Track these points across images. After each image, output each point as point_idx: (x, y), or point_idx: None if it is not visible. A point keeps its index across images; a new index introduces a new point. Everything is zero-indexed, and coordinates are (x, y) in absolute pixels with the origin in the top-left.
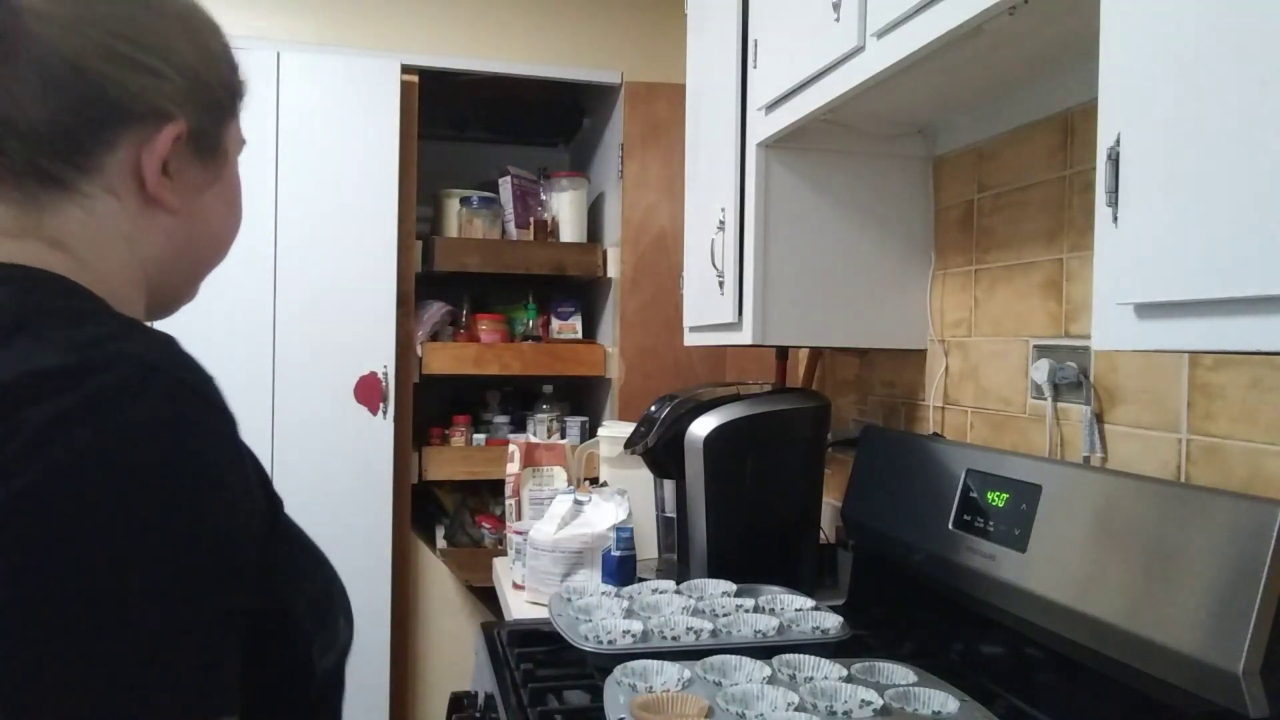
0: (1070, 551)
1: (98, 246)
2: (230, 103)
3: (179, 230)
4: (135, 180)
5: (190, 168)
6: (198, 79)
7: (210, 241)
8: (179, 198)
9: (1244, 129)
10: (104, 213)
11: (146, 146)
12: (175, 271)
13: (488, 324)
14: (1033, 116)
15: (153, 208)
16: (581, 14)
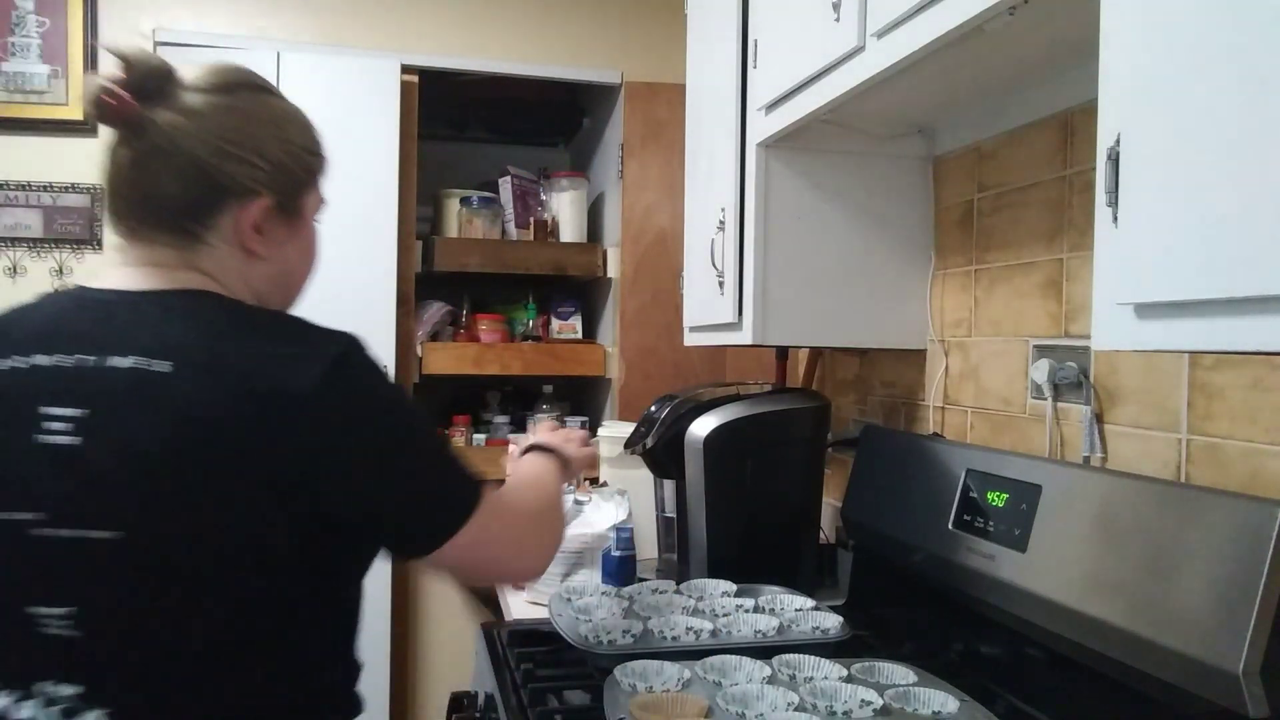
0: (1070, 551)
1: (226, 278)
2: (308, 178)
3: (270, 269)
4: (238, 235)
5: (276, 227)
6: (281, 166)
7: (291, 278)
8: (266, 248)
9: (1244, 129)
10: (224, 256)
11: (243, 213)
12: (272, 297)
13: (488, 324)
14: (1033, 116)
15: (251, 255)
16: (581, 14)
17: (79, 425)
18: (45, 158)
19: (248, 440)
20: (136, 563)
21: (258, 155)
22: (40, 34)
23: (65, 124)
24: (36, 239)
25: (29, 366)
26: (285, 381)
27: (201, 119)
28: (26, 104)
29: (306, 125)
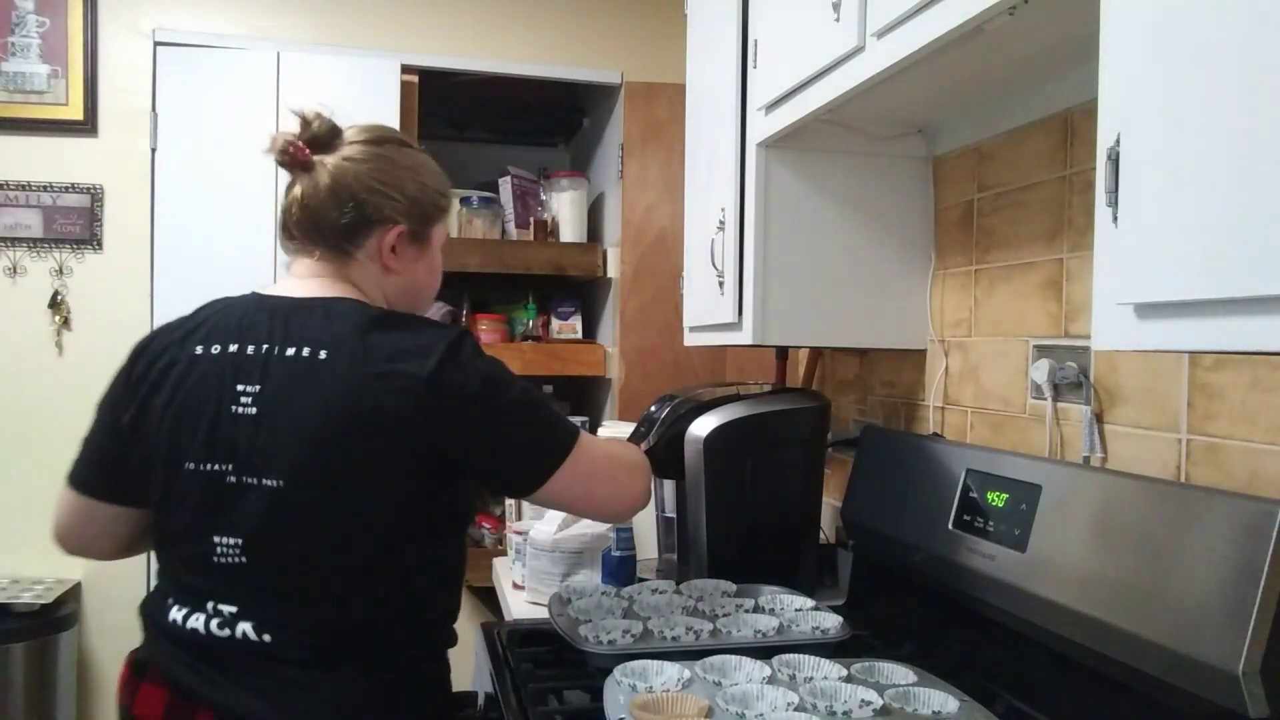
0: (1070, 551)
1: (367, 287)
2: (436, 213)
3: (401, 283)
4: (380, 254)
5: (408, 249)
6: (415, 201)
7: (418, 291)
8: (400, 266)
9: (1243, 129)
10: (368, 270)
11: (384, 237)
12: (399, 304)
13: (488, 324)
14: (1033, 116)
15: (387, 270)
16: (581, 14)
17: (257, 398)
18: (45, 158)
19: (387, 409)
20: (293, 504)
21: (398, 192)
22: (40, 34)
23: (65, 124)
24: (36, 239)
25: (225, 353)
26: (414, 364)
27: (358, 163)
28: (26, 104)
29: (438, 173)
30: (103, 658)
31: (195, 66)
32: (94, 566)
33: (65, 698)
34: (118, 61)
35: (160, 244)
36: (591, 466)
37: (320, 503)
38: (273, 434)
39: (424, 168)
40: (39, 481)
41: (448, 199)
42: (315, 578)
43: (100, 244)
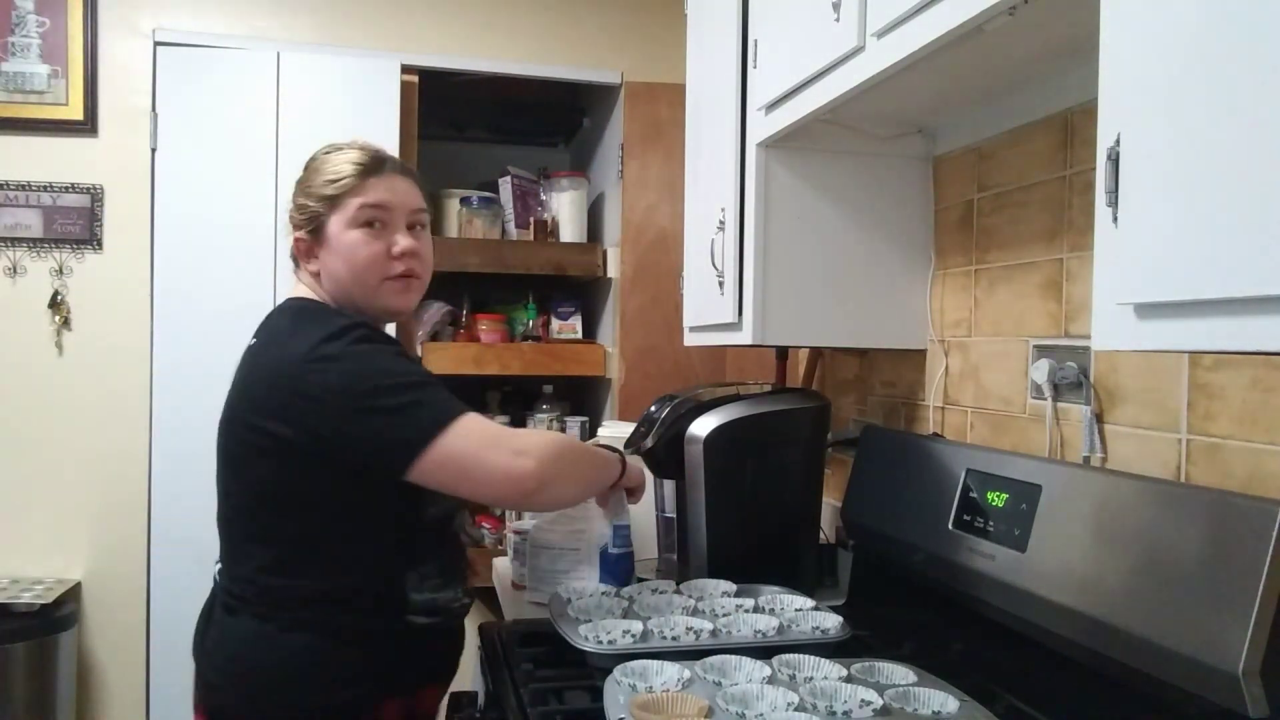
0: (1070, 551)
1: (313, 285)
2: (326, 210)
3: (328, 275)
4: (300, 259)
5: (315, 248)
6: (300, 208)
7: (345, 279)
8: (314, 264)
9: (1244, 129)
10: (304, 273)
11: (294, 246)
12: (339, 294)
13: (488, 324)
14: (1033, 116)
15: (312, 271)
16: (581, 14)
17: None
18: (45, 158)
19: (258, 391)
20: (221, 456)
21: (292, 205)
22: (40, 34)
23: (65, 124)
24: (36, 239)
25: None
26: (294, 349)
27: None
28: (26, 104)
29: (325, 166)
30: (103, 658)
31: (195, 66)
32: (94, 566)
33: (65, 698)
34: (118, 61)
35: (160, 244)
36: (464, 448)
37: (230, 455)
38: (228, 401)
39: (312, 168)
40: (39, 481)
41: (340, 182)
42: (229, 527)
43: (100, 244)
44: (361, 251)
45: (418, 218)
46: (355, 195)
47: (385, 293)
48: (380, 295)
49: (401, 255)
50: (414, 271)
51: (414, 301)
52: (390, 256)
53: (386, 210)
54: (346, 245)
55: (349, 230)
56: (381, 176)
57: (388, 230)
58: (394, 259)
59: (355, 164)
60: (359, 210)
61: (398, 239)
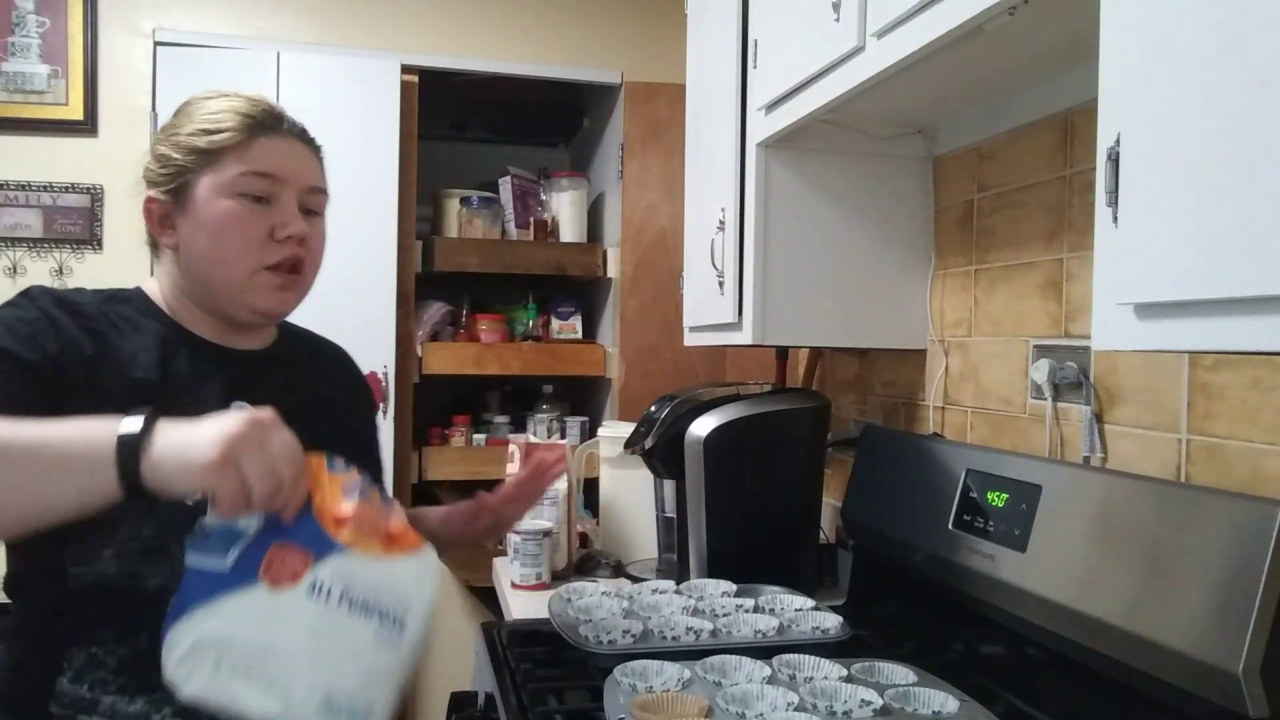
0: (1070, 551)
1: (161, 276)
2: (195, 163)
3: (188, 260)
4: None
5: (175, 218)
6: (163, 160)
7: (196, 262)
8: (171, 239)
9: (1243, 129)
10: (164, 258)
11: (144, 211)
12: (196, 289)
13: (488, 324)
14: (1033, 116)
15: (170, 249)
16: (581, 14)
17: None
18: (45, 158)
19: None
20: None
21: (151, 158)
22: (40, 34)
23: (65, 124)
24: (36, 239)
25: None
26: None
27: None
28: (26, 104)
29: (201, 112)
30: None
31: (195, 66)
32: None
33: None
34: (118, 61)
35: None
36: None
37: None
38: None
39: (185, 115)
40: None
41: (217, 140)
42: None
43: (100, 244)
44: (235, 229)
45: (314, 200)
46: (236, 156)
47: (257, 287)
48: (249, 290)
49: (287, 240)
50: (299, 263)
51: (291, 306)
52: (272, 239)
53: (275, 181)
54: (216, 217)
55: (222, 198)
56: (274, 137)
57: (273, 208)
58: (278, 241)
59: (241, 115)
60: (240, 176)
61: (285, 219)
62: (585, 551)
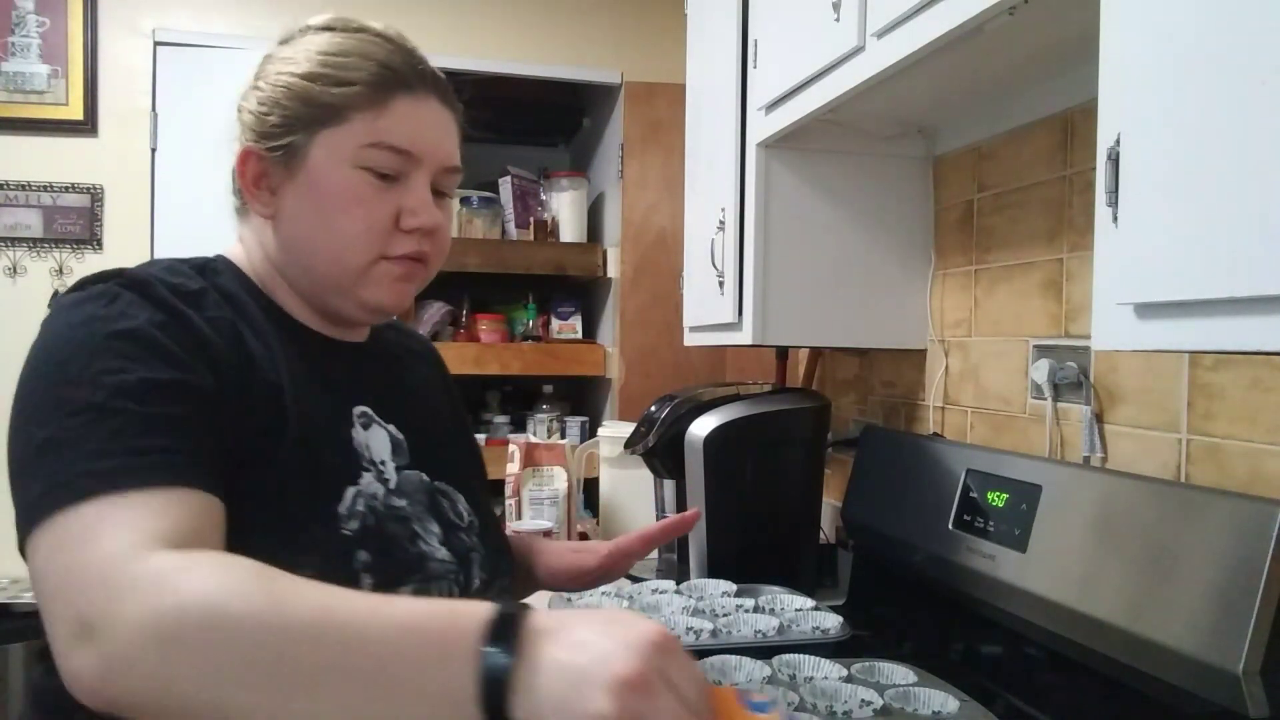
0: (1070, 551)
1: (249, 244)
2: (313, 113)
3: (287, 233)
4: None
5: (276, 180)
6: (273, 105)
7: (299, 242)
8: (270, 207)
9: (1244, 129)
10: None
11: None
12: (296, 269)
13: (488, 324)
14: (1033, 116)
15: (263, 217)
16: (581, 14)
17: None
18: (45, 158)
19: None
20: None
21: (251, 99)
22: (40, 34)
23: (65, 124)
24: (36, 239)
25: None
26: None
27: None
28: (26, 104)
29: (333, 51)
30: None
31: (195, 66)
32: None
33: None
34: (118, 61)
35: (160, 244)
36: (35, 571)
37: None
38: None
39: (309, 53)
40: None
41: (348, 94)
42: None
43: (100, 244)
44: (354, 210)
45: (448, 180)
46: (366, 119)
47: (375, 279)
48: (366, 281)
49: (416, 230)
50: (426, 257)
51: (408, 300)
52: (398, 227)
53: (409, 159)
54: (336, 190)
55: (341, 168)
56: (414, 99)
57: (402, 189)
58: (404, 231)
59: (377, 64)
60: (368, 148)
61: (415, 205)
62: None
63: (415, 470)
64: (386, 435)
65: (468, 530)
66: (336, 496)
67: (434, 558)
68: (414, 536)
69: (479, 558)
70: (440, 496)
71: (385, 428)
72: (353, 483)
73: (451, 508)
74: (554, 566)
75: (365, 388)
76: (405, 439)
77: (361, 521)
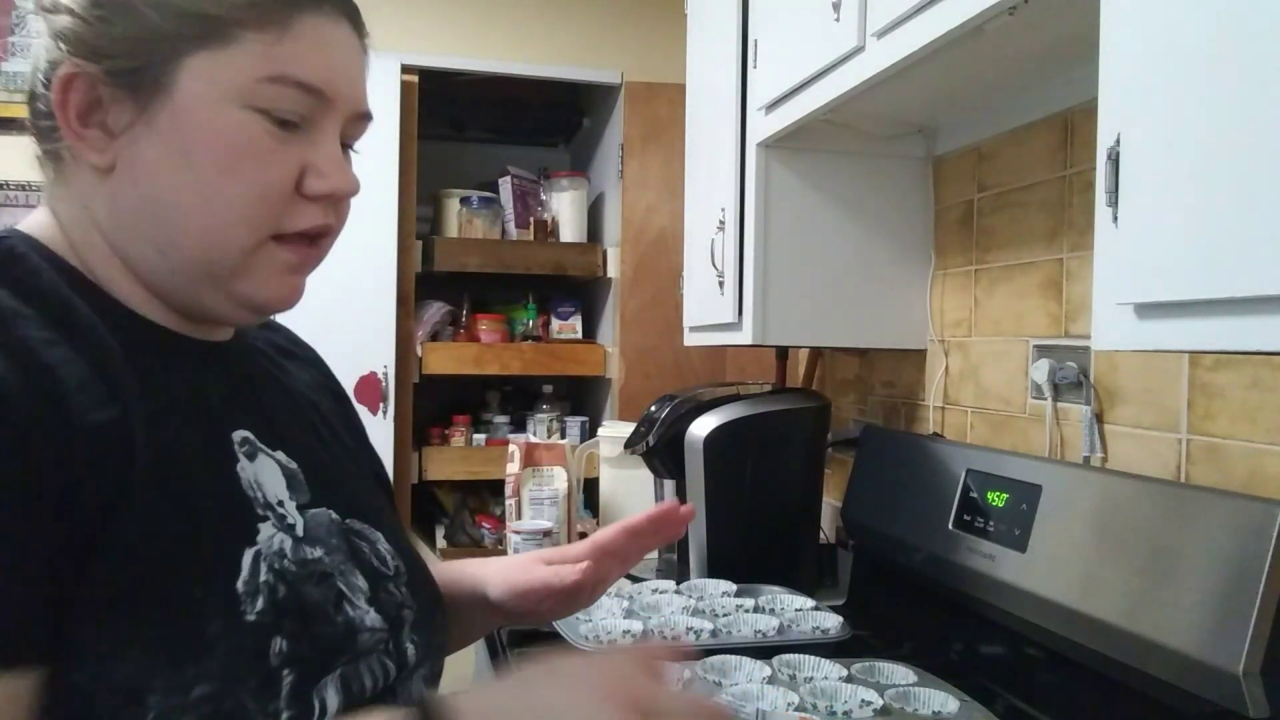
0: (1070, 551)
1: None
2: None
3: (133, 198)
4: (70, 135)
5: (118, 113)
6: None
7: (161, 209)
8: (108, 154)
9: (1243, 129)
10: (80, 179)
11: (59, 96)
12: (135, 252)
13: (488, 324)
14: (1033, 116)
15: (95, 169)
16: (581, 14)
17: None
18: None
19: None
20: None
21: (84, 9)
22: None
23: None
24: None
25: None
26: None
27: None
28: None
29: None
30: None
31: None
32: None
33: None
34: None
35: None
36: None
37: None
38: None
39: None
40: None
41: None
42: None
43: None
44: (248, 166)
45: (357, 129)
46: (264, 41)
47: (260, 268)
48: (247, 270)
49: (324, 196)
50: (326, 234)
51: (298, 297)
52: (299, 192)
53: (322, 99)
54: (218, 139)
55: (232, 109)
56: (327, 16)
57: (307, 139)
58: (309, 199)
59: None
60: (270, 83)
61: (325, 164)
62: None
63: (321, 508)
64: (277, 466)
65: (395, 579)
66: (230, 569)
67: (363, 625)
68: (340, 598)
69: (411, 616)
70: (356, 539)
71: (273, 456)
72: (248, 542)
73: (373, 551)
74: (518, 584)
75: (241, 404)
76: (299, 468)
77: (269, 596)
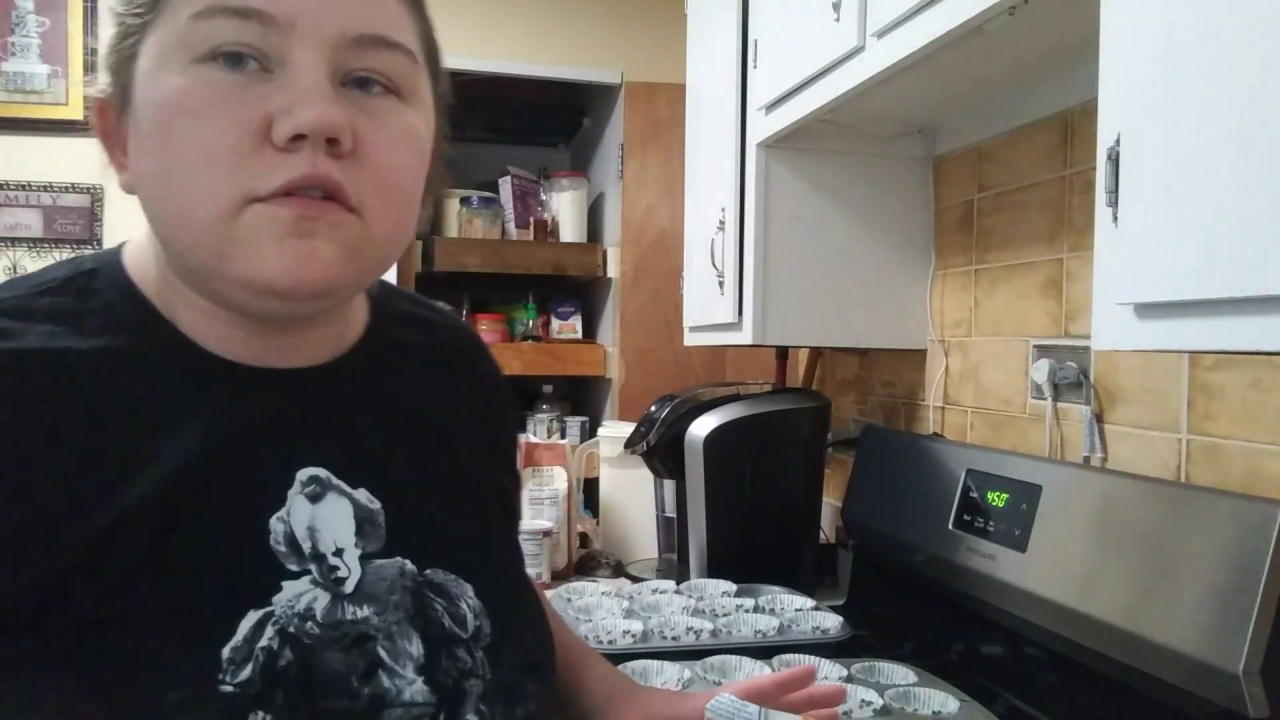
0: (1070, 551)
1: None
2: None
3: (144, 198)
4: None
5: (123, 124)
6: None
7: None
8: (124, 160)
9: (1243, 129)
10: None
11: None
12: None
13: (488, 324)
14: (1033, 116)
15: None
16: (581, 14)
17: None
18: (45, 158)
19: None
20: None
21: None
22: (40, 34)
23: (65, 124)
24: (36, 239)
25: None
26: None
27: None
28: (26, 104)
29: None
30: None
31: None
32: None
33: None
34: None
35: None
36: None
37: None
38: None
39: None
40: None
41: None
42: None
43: (100, 244)
44: (195, 117)
45: (371, 57)
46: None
47: (248, 236)
48: (234, 242)
49: (297, 139)
50: (335, 186)
51: (322, 267)
52: (269, 141)
53: (270, 22)
54: (166, 100)
55: (179, 68)
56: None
57: (274, 79)
58: (279, 150)
59: None
60: (199, 19)
61: (290, 99)
62: (585, 551)
63: (393, 558)
64: (350, 507)
65: (471, 642)
66: (222, 632)
67: (398, 699)
68: (373, 667)
69: (479, 687)
70: (431, 594)
71: (350, 495)
72: (255, 604)
73: (448, 609)
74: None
75: (321, 437)
76: (381, 507)
77: (263, 665)
